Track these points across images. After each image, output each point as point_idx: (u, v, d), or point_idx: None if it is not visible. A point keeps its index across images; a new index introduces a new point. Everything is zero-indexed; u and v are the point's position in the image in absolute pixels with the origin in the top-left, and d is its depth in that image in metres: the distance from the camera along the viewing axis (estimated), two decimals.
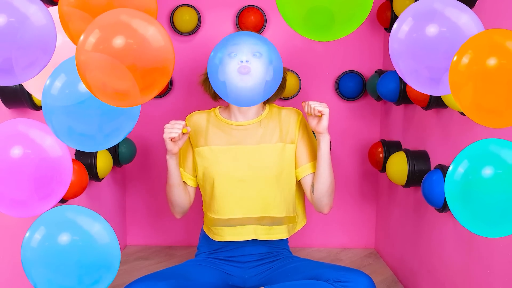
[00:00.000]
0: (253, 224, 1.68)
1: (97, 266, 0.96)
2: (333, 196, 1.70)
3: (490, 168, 0.92)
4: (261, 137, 1.68)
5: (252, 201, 1.66)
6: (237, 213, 1.66)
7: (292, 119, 1.73)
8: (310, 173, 1.70)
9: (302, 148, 1.71)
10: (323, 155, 1.64)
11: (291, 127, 1.71)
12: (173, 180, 1.66)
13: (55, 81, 0.95)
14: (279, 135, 1.69)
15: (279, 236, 1.72)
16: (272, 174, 1.66)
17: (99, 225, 0.97)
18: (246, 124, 1.69)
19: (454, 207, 0.97)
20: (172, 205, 1.73)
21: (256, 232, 1.69)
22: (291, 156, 1.70)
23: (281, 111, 1.75)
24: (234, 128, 1.69)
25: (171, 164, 1.63)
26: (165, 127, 1.56)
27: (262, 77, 1.39)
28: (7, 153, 0.95)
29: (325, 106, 1.60)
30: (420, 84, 1.02)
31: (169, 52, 0.87)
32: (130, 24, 0.85)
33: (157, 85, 0.88)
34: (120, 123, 0.99)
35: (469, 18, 0.96)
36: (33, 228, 0.96)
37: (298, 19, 0.97)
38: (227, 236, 1.70)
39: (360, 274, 1.50)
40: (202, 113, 1.76)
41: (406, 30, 0.97)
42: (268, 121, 1.71)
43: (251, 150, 1.66)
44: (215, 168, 1.66)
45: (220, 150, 1.67)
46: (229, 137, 1.68)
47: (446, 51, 0.95)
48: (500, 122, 0.91)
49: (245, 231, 1.69)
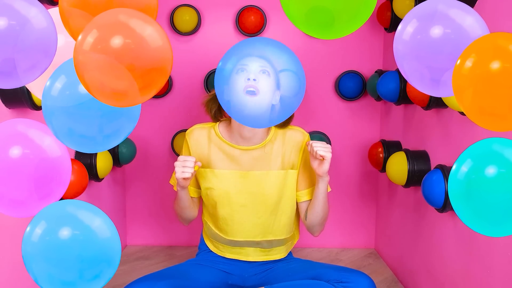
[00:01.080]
0: (252, 247, 1.69)
1: (98, 260, 0.96)
2: (324, 224, 1.72)
3: (493, 167, 0.92)
4: (264, 162, 1.64)
5: (252, 226, 1.65)
6: (238, 236, 1.66)
7: (296, 142, 1.67)
8: (307, 200, 1.70)
9: (303, 173, 1.69)
10: (320, 195, 1.64)
11: (294, 151, 1.66)
12: (184, 203, 1.65)
13: (55, 82, 0.96)
14: (281, 160, 1.65)
15: (277, 257, 1.73)
16: (273, 201, 1.64)
17: (100, 220, 0.97)
18: (248, 149, 1.63)
19: (457, 206, 0.97)
20: (182, 219, 1.74)
21: (254, 254, 1.70)
22: (293, 181, 1.67)
23: (286, 133, 1.67)
24: (236, 151, 1.64)
25: (183, 194, 1.62)
26: (176, 166, 1.52)
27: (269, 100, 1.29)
28: (6, 153, 0.95)
29: (328, 151, 1.54)
30: (424, 85, 1.02)
31: (167, 52, 0.87)
32: (128, 24, 0.85)
33: (155, 85, 0.88)
34: (120, 124, 0.99)
35: (473, 19, 0.95)
36: (34, 222, 0.96)
37: (301, 16, 0.97)
38: (227, 253, 1.72)
39: (360, 275, 1.51)
40: (203, 128, 1.68)
41: (411, 31, 0.97)
42: (271, 145, 1.65)
43: (253, 176, 1.63)
44: (217, 192, 1.64)
45: (222, 175, 1.64)
46: (232, 161, 1.64)
47: (450, 53, 0.95)
48: (503, 125, 0.91)
49: (244, 252, 1.70)
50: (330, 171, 2.49)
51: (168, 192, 2.53)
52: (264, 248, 1.69)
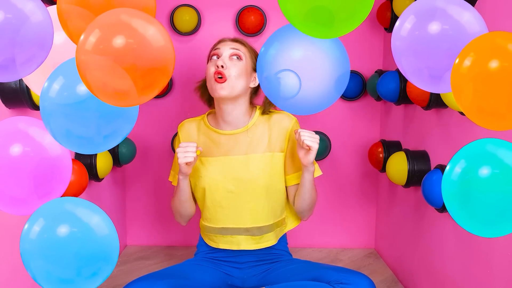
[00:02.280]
0: (243, 235, 1.69)
1: (96, 258, 0.96)
2: (313, 209, 1.74)
3: (487, 168, 0.92)
4: (249, 146, 1.66)
5: (241, 212, 1.66)
6: (228, 223, 1.67)
7: (283, 125, 1.69)
8: (295, 184, 1.70)
9: (291, 157, 1.70)
10: (306, 183, 1.64)
11: (281, 134, 1.68)
12: (185, 196, 1.67)
13: (53, 83, 0.96)
14: (267, 143, 1.67)
15: (268, 244, 1.73)
16: (260, 185, 1.65)
17: (98, 217, 0.97)
18: (232, 133, 1.68)
19: (451, 207, 0.97)
20: (180, 216, 1.75)
21: (246, 243, 1.70)
22: (280, 165, 1.69)
23: (272, 116, 1.71)
24: (222, 137, 1.69)
25: (184, 183, 1.64)
26: (178, 152, 1.54)
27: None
28: (7, 151, 0.95)
29: (315, 141, 1.55)
30: (422, 82, 1.02)
31: (169, 52, 0.87)
32: (130, 23, 0.85)
33: (157, 85, 0.88)
34: (118, 125, 0.99)
35: (471, 16, 0.96)
36: (32, 220, 0.96)
37: (299, 16, 0.97)
38: (221, 243, 1.72)
39: (361, 276, 1.50)
40: (192, 121, 1.76)
41: (409, 27, 0.97)
42: (255, 129, 1.68)
43: (239, 160, 1.65)
44: (204, 179, 1.66)
45: (209, 162, 1.67)
46: (218, 147, 1.68)
47: (448, 49, 0.95)
48: (502, 124, 0.91)
49: (236, 241, 1.70)
50: (330, 170, 2.50)
51: (168, 192, 2.53)
52: (254, 235, 1.69)
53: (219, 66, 1.59)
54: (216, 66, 1.60)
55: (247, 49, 1.68)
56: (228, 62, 1.61)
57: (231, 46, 1.65)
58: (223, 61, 1.60)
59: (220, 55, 1.64)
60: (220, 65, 1.59)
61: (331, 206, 2.55)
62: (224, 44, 1.66)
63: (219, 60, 1.61)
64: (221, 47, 1.65)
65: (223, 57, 1.63)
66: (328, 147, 2.46)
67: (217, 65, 1.60)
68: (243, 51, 1.65)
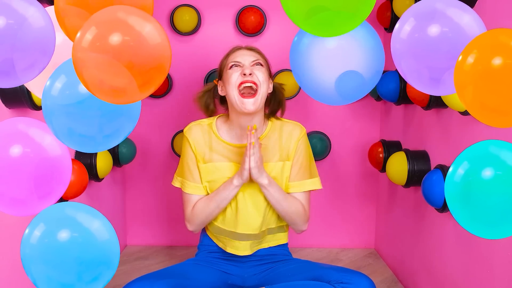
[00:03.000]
0: (251, 240, 1.68)
1: (96, 263, 0.96)
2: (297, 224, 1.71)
3: (490, 170, 0.92)
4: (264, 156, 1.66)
5: (254, 218, 1.65)
6: (239, 228, 1.66)
7: (293, 135, 1.69)
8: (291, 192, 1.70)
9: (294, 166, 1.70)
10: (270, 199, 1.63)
11: (291, 143, 1.68)
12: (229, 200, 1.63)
13: (55, 82, 0.96)
14: (279, 153, 1.68)
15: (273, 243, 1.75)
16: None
17: (99, 222, 0.97)
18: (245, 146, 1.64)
19: (454, 209, 0.97)
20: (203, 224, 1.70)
21: (249, 248, 1.69)
22: (288, 172, 1.69)
23: (283, 126, 1.70)
24: (237, 149, 1.67)
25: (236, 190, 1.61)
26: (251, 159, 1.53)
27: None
28: (7, 152, 0.95)
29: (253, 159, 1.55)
30: (422, 84, 1.02)
31: (166, 49, 0.87)
32: (126, 21, 0.85)
33: (154, 82, 0.88)
34: (120, 124, 0.99)
35: (471, 18, 0.96)
36: (33, 224, 0.96)
37: (301, 14, 0.97)
38: (228, 247, 1.71)
39: (361, 276, 1.50)
40: (200, 125, 1.70)
41: (408, 30, 0.97)
42: (269, 140, 1.68)
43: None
44: (219, 184, 1.65)
45: (224, 167, 1.66)
46: (232, 155, 1.67)
47: (448, 51, 0.95)
48: (505, 121, 0.91)
49: (242, 247, 1.69)
50: (330, 170, 2.50)
51: (168, 191, 2.53)
52: (257, 240, 1.70)
53: (246, 74, 1.55)
54: (243, 74, 1.56)
55: (261, 56, 1.67)
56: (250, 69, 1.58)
57: (250, 54, 1.62)
58: (250, 69, 1.57)
59: (242, 64, 1.60)
60: (248, 73, 1.55)
61: (331, 206, 2.55)
62: (242, 53, 1.63)
63: (246, 69, 1.57)
64: (239, 56, 1.62)
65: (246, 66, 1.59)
66: (328, 147, 2.46)
67: (244, 73, 1.55)
68: (261, 60, 1.64)
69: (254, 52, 1.66)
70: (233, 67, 1.60)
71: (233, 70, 1.59)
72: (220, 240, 1.74)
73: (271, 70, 1.70)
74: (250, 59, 1.61)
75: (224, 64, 1.66)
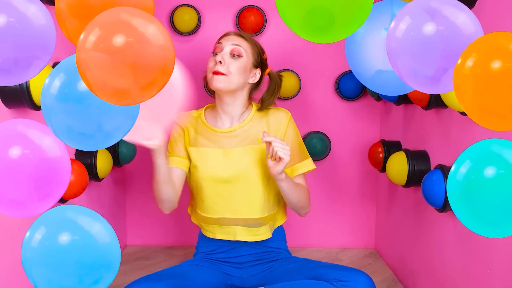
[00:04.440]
0: (240, 225, 1.69)
1: (97, 266, 0.96)
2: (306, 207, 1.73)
3: (492, 168, 0.92)
4: (247, 139, 1.69)
5: (238, 202, 1.67)
6: (225, 213, 1.67)
7: (281, 119, 1.74)
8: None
9: None
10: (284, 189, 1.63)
11: (279, 128, 1.72)
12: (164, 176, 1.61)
13: (54, 80, 0.95)
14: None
15: (264, 237, 1.74)
16: (257, 174, 1.67)
17: (100, 225, 0.97)
18: (229, 131, 1.71)
19: (456, 207, 0.97)
20: (161, 202, 1.71)
21: (242, 234, 1.70)
22: None
23: (269, 111, 1.76)
24: (220, 134, 1.71)
25: (162, 162, 1.58)
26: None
27: None
28: (6, 154, 0.95)
29: (287, 154, 1.52)
30: (417, 83, 1.02)
31: (170, 51, 0.87)
32: (130, 22, 0.85)
33: (158, 84, 0.88)
34: (119, 122, 0.99)
35: (466, 16, 0.96)
36: (34, 227, 0.96)
37: (298, 20, 0.97)
38: (218, 234, 1.72)
39: (360, 274, 1.51)
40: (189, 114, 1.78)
41: (404, 28, 0.97)
42: (252, 124, 1.72)
43: (237, 151, 1.68)
44: (202, 169, 1.67)
45: (206, 152, 1.69)
46: (215, 141, 1.70)
47: (443, 50, 0.95)
48: (504, 124, 0.91)
49: (232, 231, 1.70)
50: (330, 170, 2.50)
51: None
52: (250, 227, 1.70)
53: (217, 63, 1.65)
54: (215, 61, 1.66)
55: (250, 45, 1.70)
56: (227, 59, 1.65)
57: (233, 41, 1.68)
58: (222, 57, 1.65)
59: (221, 50, 1.68)
60: (219, 61, 1.64)
61: (331, 206, 2.55)
62: (227, 39, 1.70)
63: (218, 56, 1.66)
64: (223, 41, 1.69)
65: (223, 53, 1.67)
66: (328, 147, 2.46)
67: (216, 61, 1.66)
68: (244, 47, 1.68)
69: (241, 38, 1.70)
70: (214, 52, 1.70)
71: (212, 56, 1.70)
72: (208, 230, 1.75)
73: (264, 59, 1.75)
74: (230, 42, 1.67)
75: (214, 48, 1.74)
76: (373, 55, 1.14)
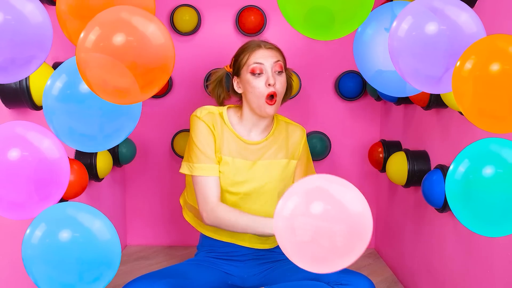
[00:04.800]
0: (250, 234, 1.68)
1: (97, 263, 0.96)
2: None
3: (490, 168, 0.92)
4: (270, 152, 1.70)
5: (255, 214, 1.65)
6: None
7: (297, 135, 1.76)
8: None
9: (300, 166, 1.76)
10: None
11: (296, 143, 1.75)
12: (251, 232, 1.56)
13: (56, 81, 0.96)
14: (285, 151, 1.72)
15: (272, 245, 1.75)
16: (274, 189, 1.68)
17: (100, 222, 0.97)
18: (258, 143, 1.68)
19: (455, 207, 0.97)
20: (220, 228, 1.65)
21: (250, 241, 1.71)
22: (293, 171, 1.74)
23: (288, 126, 1.76)
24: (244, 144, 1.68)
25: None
26: None
27: None
28: (5, 156, 0.95)
29: None
30: (419, 82, 1.02)
31: (170, 50, 0.87)
32: (130, 21, 0.85)
33: (158, 83, 0.88)
34: (121, 123, 0.99)
35: (468, 16, 0.96)
36: (34, 225, 0.96)
37: (299, 17, 0.97)
38: (224, 237, 1.71)
39: (360, 277, 1.50)
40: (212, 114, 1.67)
41: (406, 28, 0.97)
42: (277, 137, 1.72)
43: (260, 165, 1.67)
44: (225, 177, 1.65)
45: (231, 162, 1.65)
46: (241, 150, 1.68)
47: (445, 49, 0.95)
48: (503, 127, 0.91)
49: (242, 237, 1.71)
50: (330, 170, 2.50)
51: (168, 192, 2.53)
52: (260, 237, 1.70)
53: (271, 85, 1.58)
54: (268, 84, 1.58)
55: (280, 53, 1.66)
56: (274, 78, 1.59)
57: (272, 55, 1.61)
58: (272, 79, 1.58)
59: (264, 69, 1.60)
60: (273, 83, 1.57)
61: None
62: (263, 54, 1.61)
63: (270, 78, 1.58)
64: (264, 61, 1.60)
65: (269, 72, 1.59)
66: (328, 147, 2.46)
67: (269, 84, 1.58)
68: (281, 59, 1.64)
69: (273, 51, 1.64)
70: (256, 73, 1.59)
71: (256, 77, 1.59)
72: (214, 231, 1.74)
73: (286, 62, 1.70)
74: (271, 61, 1.60)
75: (243, 63, 1.63)
76: (379, 55, 1.14)
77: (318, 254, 0.81)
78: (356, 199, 0.83)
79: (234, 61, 1.69)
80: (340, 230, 0.80)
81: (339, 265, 0.81)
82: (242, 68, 1.64)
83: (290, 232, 0.81)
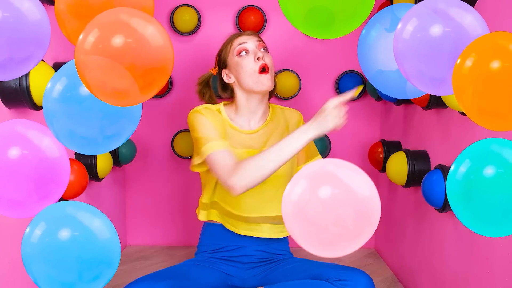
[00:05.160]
0: (269, 223, 1.69)
1: (97, 261, 0.96)
2: None
3: (491, 168, 0.92)
4: (274, 138, 1.71)
5: (268, 201, 1.67)
6: (253, 212, 1.67)
7: (295, 118, 1.79)
8: None
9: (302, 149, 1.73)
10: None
11: (295, 125, 1.77)
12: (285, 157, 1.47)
13: (56, 84, 0.96)
14: (287, 133, 1.72)
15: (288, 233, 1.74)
16: (285, 172, 1.68)
17: (99, 221, 0.97)
18: (260, 129, 1.71)
19: (456, 207, 0.97)
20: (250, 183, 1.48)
21: (269, 231, 1.71)
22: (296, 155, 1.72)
23: (285, 111, 1.79)
24: (245, 135, 1.70)
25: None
26: (337, 113, 1.56)
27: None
28: (5, 154, 0.95)
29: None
30: (424, 84, 1.02)
31: (168, 51, 0.87)
32: (129, 23, 0.85)
33: (157, 84, 0.88)
34: (121, 126, 0.99)
35: (473, 18, 0.96)
36: (34, 223, 0.96)
37: (300, 16, 0.98)
38: (242, 230, 1.70)
39: (359, 273, 1.51)
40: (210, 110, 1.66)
41: (411, 30, 0.97)
42: (276, 122, 1.74)
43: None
44: None
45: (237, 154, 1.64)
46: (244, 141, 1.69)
47: (450, 51, 0.95)
48: (503, 125, 0.91)
49: (260, 228, 1.70)
50: None
51: (168, 192, 2.53)
52: (279, 224, 1.71)
53: (260, 58, 1.62)
54: (257, 58, 1.62)
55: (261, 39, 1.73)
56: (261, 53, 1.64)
57: (253, 37, 1.68)
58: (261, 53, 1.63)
59: (249, 49, 1.65)
60: (262, 57, 1.62)
61: None
62: (246, 38, 1.67)
63: (258, 53, 1.62)
64: (247, 41, 1.66)
65: (255, 50, 1.65)
66: (328, 147, 2.46)
67: (258, 57, 1.61)
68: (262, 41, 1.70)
69: (254, 35, 1.71)
70: (243, 54, 1.64)
71: (243, 57, 1.64)
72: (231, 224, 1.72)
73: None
74: (254, 39, 1.66)
75: (227, 51, 1.69)
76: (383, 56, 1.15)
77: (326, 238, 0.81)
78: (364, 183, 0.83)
79: (218, 58, 1.75)
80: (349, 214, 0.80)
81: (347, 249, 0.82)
82: (228, 56, 1.69)
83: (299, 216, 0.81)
